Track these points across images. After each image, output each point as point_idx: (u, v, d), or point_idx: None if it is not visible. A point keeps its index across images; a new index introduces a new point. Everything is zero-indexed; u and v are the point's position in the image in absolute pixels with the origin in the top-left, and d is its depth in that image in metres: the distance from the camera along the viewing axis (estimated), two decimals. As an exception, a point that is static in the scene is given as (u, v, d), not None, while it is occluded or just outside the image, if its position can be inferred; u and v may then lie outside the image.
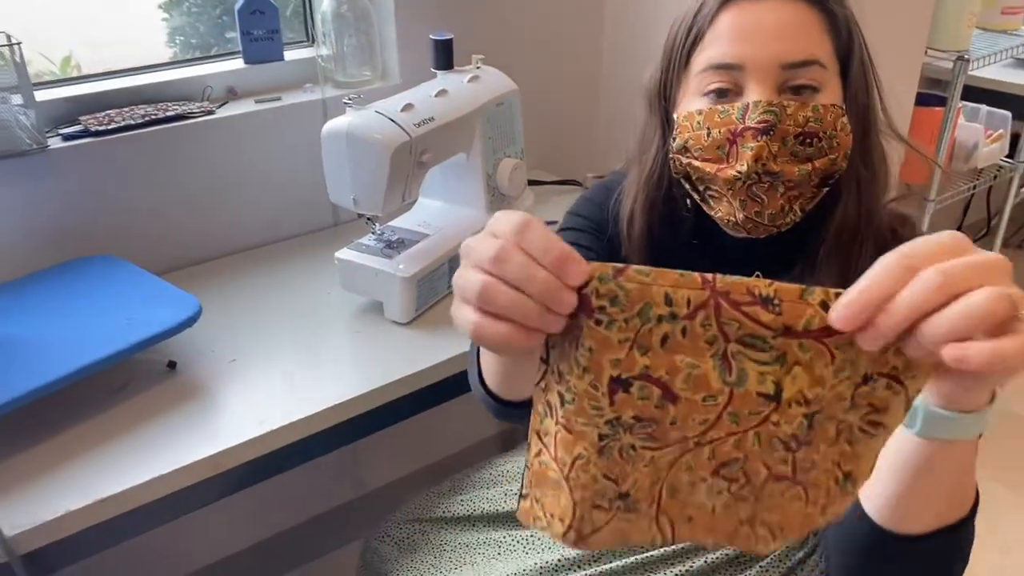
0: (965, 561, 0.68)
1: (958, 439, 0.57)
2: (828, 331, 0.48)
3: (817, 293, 0.47)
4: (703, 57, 0.81)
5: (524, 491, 0.59)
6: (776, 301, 0.48)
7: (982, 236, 2.97)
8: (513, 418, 0.80)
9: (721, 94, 0.81)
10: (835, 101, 0.81)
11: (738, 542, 0.56)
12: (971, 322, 0.44)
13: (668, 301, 0.48)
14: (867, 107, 0.85)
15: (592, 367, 0.51)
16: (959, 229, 2.69)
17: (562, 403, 0.53)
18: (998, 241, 2.46)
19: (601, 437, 0.53)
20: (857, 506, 0.67)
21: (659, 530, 0.57)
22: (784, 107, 0.77)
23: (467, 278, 0.50)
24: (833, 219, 0.85)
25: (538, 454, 0.57)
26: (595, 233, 0.97)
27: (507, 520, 1.09)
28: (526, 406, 0.70)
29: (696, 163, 0.83)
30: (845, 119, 0.81)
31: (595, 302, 0.49)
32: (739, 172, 0.79)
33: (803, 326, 0.48)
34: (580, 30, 1.81)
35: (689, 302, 0.48)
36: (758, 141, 0.78)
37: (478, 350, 0.78)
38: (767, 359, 0.49)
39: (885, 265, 0.46)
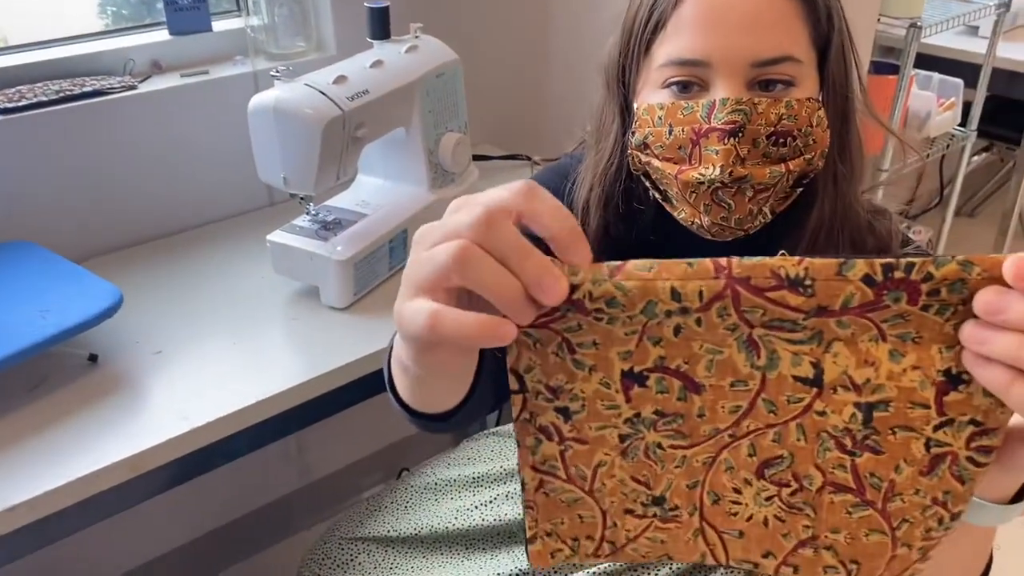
0: None
1: (986, 526, 0.53)
2: (872, 306, 0.41)
3: (860, 266, 0.41)
4: (665, 49, 0.73)
5: (529, 533, 0.53)
6: (808, 282, 0.41)
7: (935, 205, 2.98)
8: (432, 430, 0.72)
9: (685, 87, 0.73)
10: (811, 94, 0.73)
11: (805, 570, 0.50)
12: None
13: (676, 296, 0.43)
14: (846, 97, 0.77)
15: (600, 364, 0.46)
16: (912, 199, 2.70)
17: (567, 418, 0.48)
18: (950, 210, 2.46)
19: (622, 438, 0.49)
20: None
21: (706, 544, 0.51)
22: (755, 105, 0.70)
23: (432, 255, 0.42)
24: (809, 220, 0.78)
25: (540, 486, 0.51)
26: None
27: (459, 539, 1.04)
28: (445, 419, 0.64)
29: (656, 162, 0.76)
30: (822, 113, 0.74)
31: (589, 305, 0.43)
32: (701, 175, 0.72)
33: (841, 305, 0.42)
34: (526, -2, 1.75)
35: (702, 294, 0.43)
36: (724, 144, 0.70)
37: (390, 355, 0.66)
38: (800, 338, 0.44)
39: None
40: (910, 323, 0.42)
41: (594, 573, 0.92)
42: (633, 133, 0.77)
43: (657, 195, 0.80)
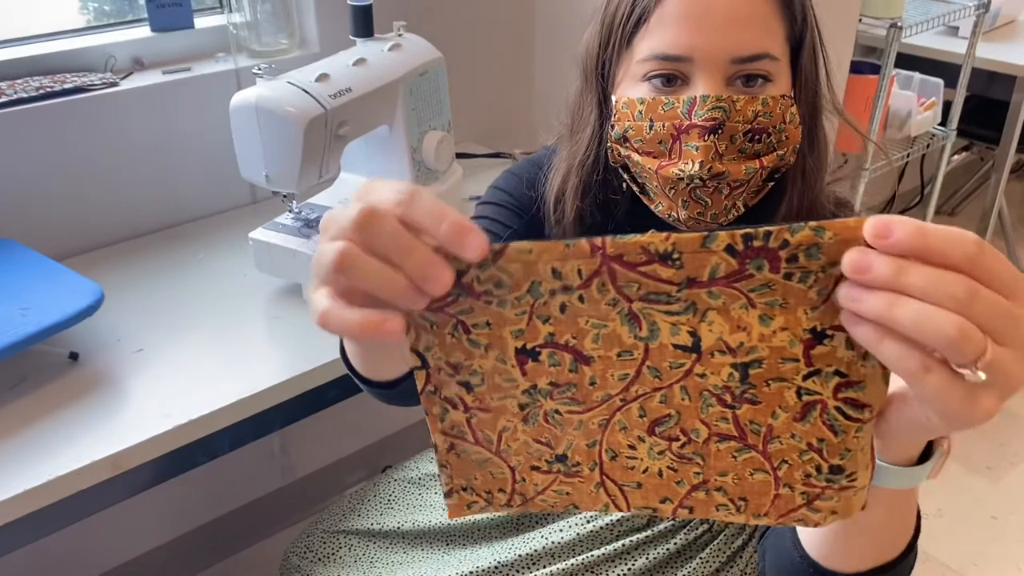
0: None
1: (896, 488, 0.53)
2: (737, 275, 0.44)
3: (721, 238, 0.43)
4: (647, 44, 0.74)
5: (446, 488, 0.56)
6: (676, 255, 0.44)
7: (915, 204, 3.00)
8: (385, 399, 0.73)
9: (667, 81, 0.74)
10: (785, 91, 0.75)
11: (699, 510, 0.53)
12: (942, 336, 0.39)
13: (556, 275, 0.46)
14: (816, 93, 0.80)
15: (495, 342, 0.49)
16: (893, 197, 2.72)
17: (468, 389, 0.51)
18: (931, 209, 2.48)
19: (521, 407, 0.52)
20: (793, 533, 0.64)
21: (608, 495, 0.54)
22: (733, 102, 0.72)
23: (321, 255, 0.42)
24: (778, 212, 0.80)
25: (451, 448, 0.54)
26: (516, 210, 0.91)
27: (440, 534, 1.04)
28: (393, 386, 0.66)
29: (635, 156, 0.77)
30: (794, 109, 0.76)
31: (478, 288, 0.46)
32: (681, 171, 0.73)
33: (708, 275, 0.45)
34: (510, -4, 1.75)
35: (580, 272, 0.46)
36: (704, 141, 0.72)
37: None
38: (676, 309, 0.47)
39: (959, 238, 0.40)
40: (776, 291, 0.45)
41: (551, 571, 0.94)
42: (613, 126, 0.78)
43: (635, 187, 0.81)
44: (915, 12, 2.10)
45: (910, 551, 0.60)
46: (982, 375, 0.39)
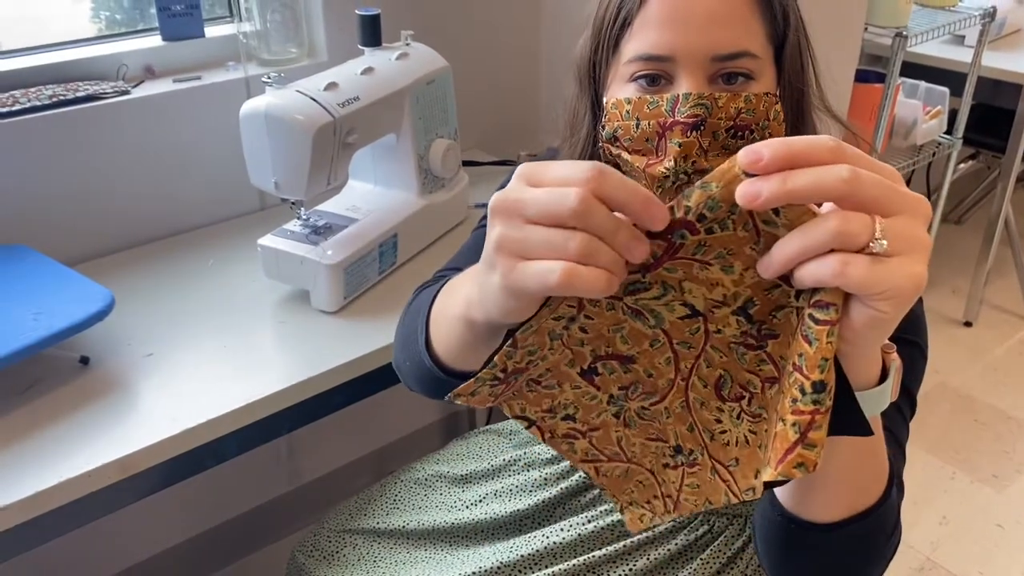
0: (889, 543, 0.66)
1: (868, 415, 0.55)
2: (672, 249, 0.51)
3: None
4: (632, 46, 0.77)
5: (618, 507, 0.64)
6: None
7: (922, 212, 3.00)
8: (444, 385, 0.76)
9: (652, 81, 0.76)
10: (768, 88, 0.77)
11: (803, 464, 0.53)
12: (833, 236, 0.46)
13: (558, 318, 0.55)
14: (801, 91, 0.81)
15: (562, 379, 0.59)
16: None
17: (572, 420, 0.61)
18: (937, 217, 2.48)
19: (616, 415, 0.60)
20: (770, 494, 0.66)
21: (722, 480, 0.58)
22: (715, 99, 0.73)
23: (558, 194, 0.48)
24: None
25: (597, 472, 0.63)
26: None
27: (444, 535, 1.05)
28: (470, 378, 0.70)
29: (625, 155, 0.79)
30: (779, 107, 0.77)
31: (521, 366, 0.57)
32: (667, 169, 0.75)
33: (654, 258, 0.51)
34: (517, 3, 1.77)
35: (568, 303, 0.54)
36: (687, 137, 0.73)
37: (427, 321, 0.73)
38: (656, 293, 0.53)
39: (818, 138, 0.47)
40: (712, 246, 0.50)
41: (553, 572, 0.95)
42: (603, 127, 0.80)
43: None
44: (920, 21, 2.11)
45: (885, 500, 0.62)
46: (884, 242, 0.46)
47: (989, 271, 2.58)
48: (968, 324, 2.64)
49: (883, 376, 0.56)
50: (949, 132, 2.34)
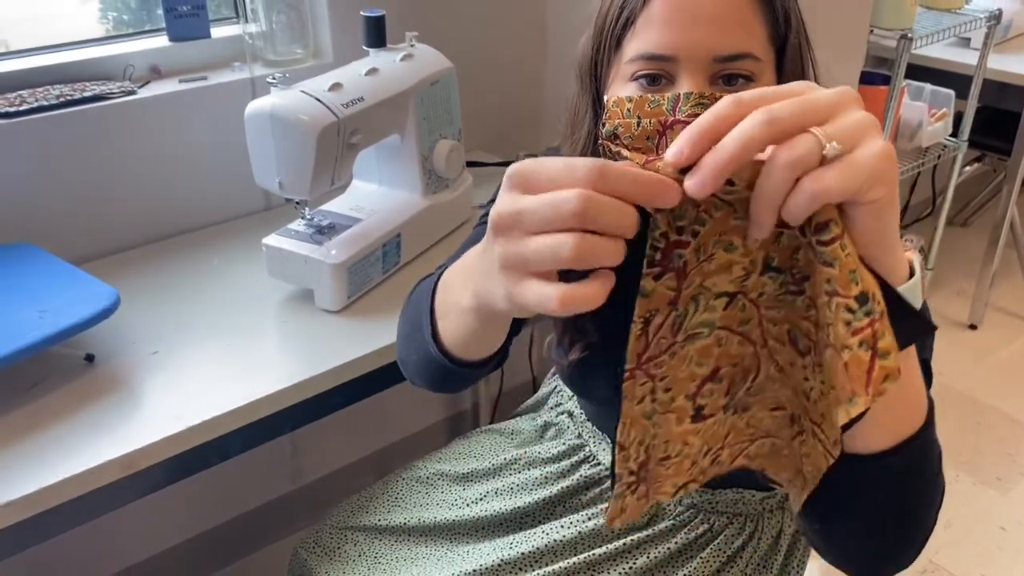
0: (937, 481, 0.65)
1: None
2: (681, 274, 0.52)
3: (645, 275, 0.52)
4: (634, 45, 0.77)
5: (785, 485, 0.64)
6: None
7: (927, 215, 3.00)
8: (461, 380, 0.78)
9: (652, 80, 0.77)
10: None
11: (888, 377, 0.53)
12: (787, 169, 0.46)
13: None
14: None
15: (682, 437, 0.60)
16: (905, 209, 2.73)
17: (710, 451, 0.63)
18: (942, 220, 2.48)
19: (733, 412, 0.61)
20: None
21: (819, 442, 0.58)
22: (716, 99, 0.74)
23: (550, 200, 0.48)
24: None
25: (749, 456, 0.65)
26: None
27: (445, 532, 1.06)
28: (478, 367, 0.73)
29: (625, 152, 0.79)
30: None
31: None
32: (667, 165, 0.76)
33: (671, 289, 0.53)
34: (521, 5, 1.77)
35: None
36: None
37: (431, 312, 0.73)
38: (693, 310, 0.55)
39: (716, 105, 0.48)
40: (707, 243, 0.52)
41: (555, 570, 0.95)
42: (604, 124, 0.80)
43: None
44: (926, 23, 2.11)
45: (927, 427, 0.62)
46: (835, 144, 0.46)
47: (995, 274, 2.58)
48: (973, 327, 2.64)
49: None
50: (955, 135, 2.34)
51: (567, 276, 0.51)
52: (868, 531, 0.66)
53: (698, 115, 0.74)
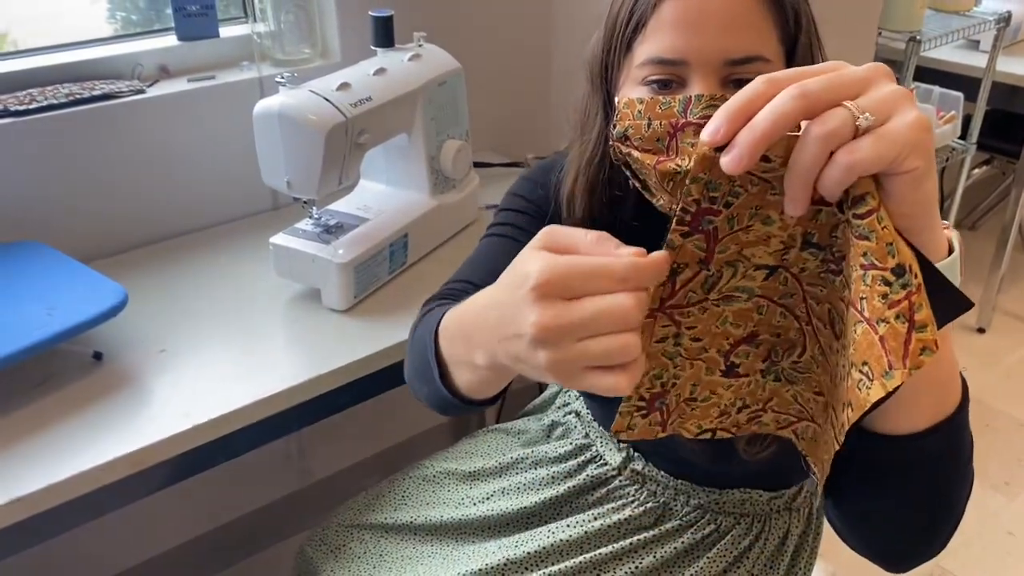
0: (969, 465, 0.65)
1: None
2: (710, 238, 0.53)
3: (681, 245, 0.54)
4: (645, 48, 0.77)
5: (817, 474, 0.63)
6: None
7: (935, 217, 2.99)
8: (473, 410, 0.78)
9: (664, 86, 0.77)
10: None
11: (925, 349, 0.52)
12: (821, 142, 0.47)
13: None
14: None
15: (711, 386, 0.62)
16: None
17: (747, 407, 0.64)
18: (950, 222, 2.47)
19: (776, 379, 0.63)
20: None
21: (830, 424, 0.59)
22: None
23: (613, 304, 0.49)
24: None
25: (797, 434, 0.66)
26: (534, 215, 0.94)
27: (451, 530, 1.06)
28: (491, 401, 0.75)
29: (635, 153, 0.79)
30: None
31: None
32: (678, 166, 0.76)
33: (702, 250, 0.54)
34: (529, 6, 1.77)
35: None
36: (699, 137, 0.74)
37: (437, 353, 0.72)
38: (729, 275, 0.56)
39: (750, 85, 0.49)
40: (741, 214, 0.52)
41: (560, 569, 0.95)
42: (614, 125, 0.80)
43: (637, 184, 0.82)
44: (935, 26, 2.11)
45: (962, 408, 0.62)
46: (868, 115, 0.47)
47: (1003, 277, 2.57)
48: (981, 331, 2.63)
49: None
50: (963, 137, 2.34)
51: None
52: (898, 514, 0.66)
53: (710, 116, 0.75)
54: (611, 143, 0.82)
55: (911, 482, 0.63)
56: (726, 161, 0.48)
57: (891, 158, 0.47)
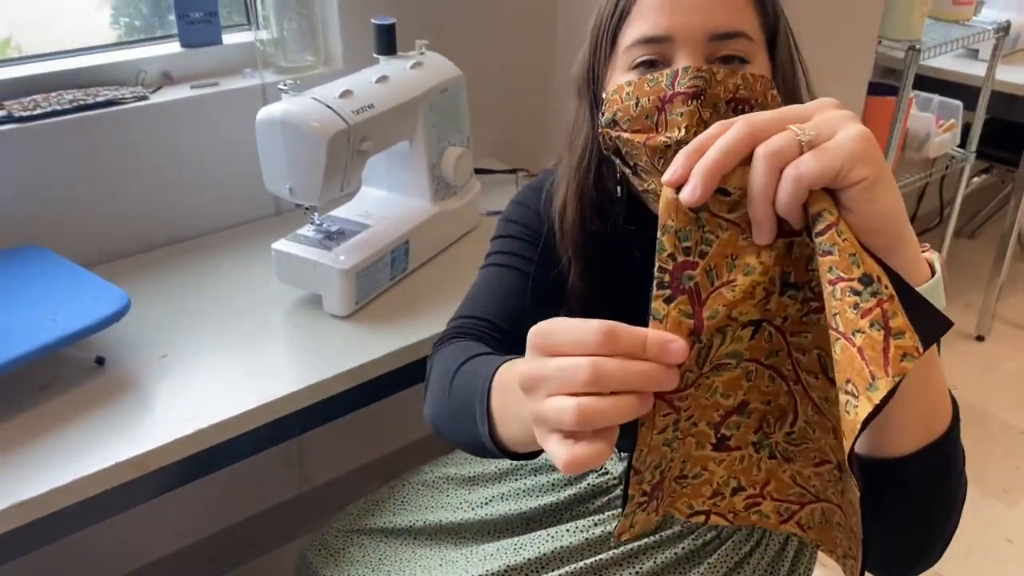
0: (960, 484, 0.65)
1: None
2: (694, 297, 0.52)
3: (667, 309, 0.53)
4: (631, 32, 0.80)
5: (838, 559, 0.62)
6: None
7: (935, 226, 3.00)
8: (516, 458, 0.77)
9: (650, 65, 0.79)
10: (763, 72, 0.79)
11: (906, 355, 0.51)
12: (766, 160, 0.49)
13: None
14: (794, 88, 0.84)
15: (701, 463, 0.60)
16: (912, 219, 2.75)
17: (742, 489, 0.62)
18: (949, 231, 2.48)
19: (771, 456, 0.61)
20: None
21: (851, 475, 0.56)
22: (714, 73, 0.76)
23: (565, 366, 0.50)
24: None
25: (802, 526, 0.64)
26: (530, 239, 0.95)
27: (450, 534, 1.06)
28: (527, 457, 0.73)
29: (625, 135, 0.80)
30: (775, 92, 0.79)
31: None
32: (668, 138, 0.76)
33: (690, 317, 0.53)
34: (532, 14, 1.78)
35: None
36: (688, 106, 0.75)
37: (488, 409, 0.70)
38: (719, 340, 0.54)
39: (706, 131, 0.51)
40: (719, 264, 0.52)
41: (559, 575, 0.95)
42: (603, 113, 0.81)
43: (627, 170, 0.83)
44: (934, 35, 2.11)
45: (953, 428, 0.61)
46: (810, 131, 0.50)
47: (1002, 285, 2.57)
48: (980, 339, 2.63)
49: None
50: (962, 146, 2.34)
51: None
52: (894, 532, 0.66)
53: (698, 87, 0.76)
54: (600, 131, 0.83)
55: (905, 500, 0.63)
56: (684, 194, 0.50)
57: (836, 167, 0.48)
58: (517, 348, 0.62)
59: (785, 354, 0.56)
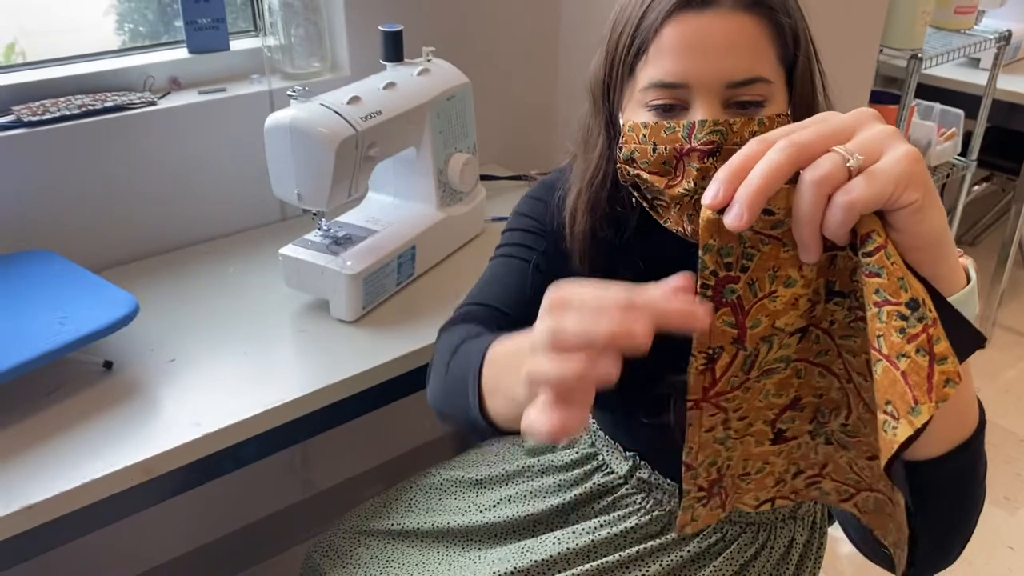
0: (982, 488, 0.65)
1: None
2: (737, 309, 0.53)
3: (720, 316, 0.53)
4: (647, 73, 0.78)
5: (893, 551, 0.63)
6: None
7: (936, 233, 3.00)
8: (492, 436, 0.77)
9: (666, 109, 0.78)
10: (781, 110, 0.79)
11: (949, 381, 0.51)
12: (815, 187, 0.48)
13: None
14: (811, 108, 0.83)
15: (762, 457, 0.62)
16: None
17: (801, 472, 0.64)
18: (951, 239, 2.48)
19: (827, 442, 0.62)
20: None
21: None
22: (730, 125, 0.75)
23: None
24: None
25: (859, 507, 0.65)
26: (540, 232, 0.95)
27: (457, 536, 1.06)
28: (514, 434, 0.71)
29: (644, 175, 0.80)
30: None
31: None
32: (686, 190, 0.77)
33: (732, 326, 0.53)
34: (536, 22, 1.79)
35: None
36: (704, 163, 0.75)
37: (479, 390, 0.71)
38: (765, 349, 0.55)
39: (744, 148, 0.50)
40: (761, 277, 0.52)
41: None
42: (620, 148, 0.82)
43: (645, 204, 0.84)
44: (936, 44, 2.12)
45: (979, 432, 0.61)
46: (858, 156, 0.48)
47: (1003, 293, 2.58)
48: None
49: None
50: (964, 154, 2.35)
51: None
52: (914, 534, 0.66)
53: (713, 142, 0.76)
54: (618, 165, 0.83)
55: (927, 503, 0.64)
56: (729, 219, 0.48)
57: (887, 194, 0.48)
58: None
59: (835, 354, 0.57)
